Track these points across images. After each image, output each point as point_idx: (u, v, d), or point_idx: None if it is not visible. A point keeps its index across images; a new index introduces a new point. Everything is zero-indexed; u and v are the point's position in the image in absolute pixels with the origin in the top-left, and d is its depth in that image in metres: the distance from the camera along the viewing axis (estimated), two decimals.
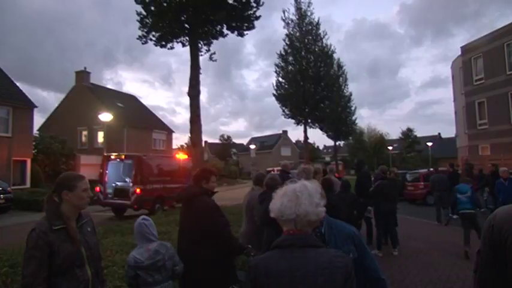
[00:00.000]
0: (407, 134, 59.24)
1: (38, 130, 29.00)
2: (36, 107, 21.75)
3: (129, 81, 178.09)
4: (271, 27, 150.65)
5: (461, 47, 23.50)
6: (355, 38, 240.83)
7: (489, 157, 17.17)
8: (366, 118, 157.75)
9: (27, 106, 21.12)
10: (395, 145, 57.61)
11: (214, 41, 13.40)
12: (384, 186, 7.46)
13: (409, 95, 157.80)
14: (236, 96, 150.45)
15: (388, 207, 7.35)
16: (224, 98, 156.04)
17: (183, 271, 3.03)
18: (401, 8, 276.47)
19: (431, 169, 15.77)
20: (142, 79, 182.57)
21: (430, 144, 44.39)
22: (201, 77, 12.90)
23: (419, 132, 60.36)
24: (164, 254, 2.90)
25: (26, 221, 13.60)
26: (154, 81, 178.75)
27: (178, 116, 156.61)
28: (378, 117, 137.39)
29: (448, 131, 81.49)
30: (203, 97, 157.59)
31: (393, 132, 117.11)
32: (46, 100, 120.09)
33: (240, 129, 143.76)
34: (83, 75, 31.25)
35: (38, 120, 65.81)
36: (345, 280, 1.46)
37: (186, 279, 3.14)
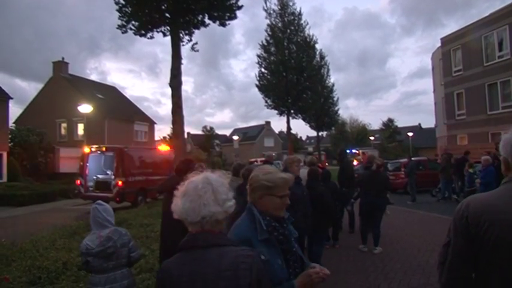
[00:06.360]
0: (388, 124, 60.27)
1: (14, 122, 28.21)
2: (11, 98, 21.08)
3: (114, 71, 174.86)
4: (262, 16, 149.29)
5: (441, 39, 23.82)
6: (345, 27, 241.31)
7: (466, 146, 17.63)
8: (352, 108, 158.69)
9: (1, 97, 20.44)
10: (377, 135, 58.52)
11: (202, 30, 13.27)
12: (363, 178, 7.21)
13: (396, 86, 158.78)
14: (223, 86, 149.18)
15: (369, 200, 6.75)
16: (210, 88, 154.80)
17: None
18: None
19: (406, 159, 16.28)
20: (128, 69, 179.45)
21: (410, 134, 45.27)
22: (188, 66, 12.86)
23: (401, 123, 61.71)
24: (116, 240, 2.80)
25: (3, 216, 13.26)
26: (141, 70, 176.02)
27: (163, 107, 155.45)
28: (364, 108, 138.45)
29: (429, 122, 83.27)
30: (189, 87, 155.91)
31: (377, 122, 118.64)
32: (25, 91, 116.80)
33: (225, 120, 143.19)
34: (60, 66, 30.35)
35: (17, 112, 63.69)
36: (249, 284, 1.30)
37: None
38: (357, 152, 36.42)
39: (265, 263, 1.60)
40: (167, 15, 12.35)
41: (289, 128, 28.40)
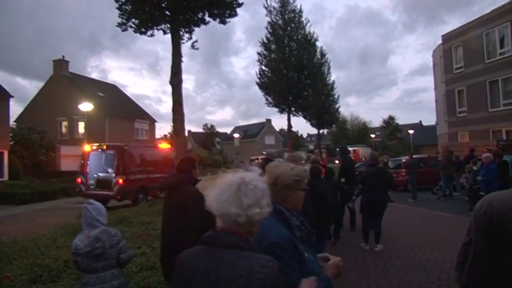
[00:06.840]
0: (389, 122, 60.20)
1: (15, 121, 28.23)
2: (12, 96, 21.07)
3: (115, 69, 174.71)
4: (262, 13, 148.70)
5: (442, 36, 23.75)
6: (347, 24, 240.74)
7: (467, 144, 17.59)
8: (352, 106, 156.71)
9: (2, 96, 20.43)
10: (377, 133, 58.44)
11: (202, 27, 13.19)
12: (366, 174, 7.10)
13: (397, 83, 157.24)
14: (224, 84, 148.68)
15: (371, 197, 6.67)
16: (211, 86, 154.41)
17: (167, 260, 2.97)
18: None
19: (407, 157, 16.26)
20: (129, 67, 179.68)
21: (411, 131, 45.18)
22: (189, 64, 12.82)
23: (402, 120, 61.62)
24: (105, 241, 2.77)
25: (4, 214, 13.28)
26: (141, 68, 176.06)
27: (164, 105, 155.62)
28: (365, 105, 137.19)
29: (430, 119, 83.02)
30: (190, 85, 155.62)
31: (378, 120, 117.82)
32: (26, 89, 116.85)
33: (226, 118, 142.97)
34: (61, 64, 30.33)
35: (18, 110, 63.72)
36: None
37: (170, 268, 3.12)
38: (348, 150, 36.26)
39: (308, 262, 1.64)
40: (167, 12, 12.30)
41: (289, 126, 28.39)
